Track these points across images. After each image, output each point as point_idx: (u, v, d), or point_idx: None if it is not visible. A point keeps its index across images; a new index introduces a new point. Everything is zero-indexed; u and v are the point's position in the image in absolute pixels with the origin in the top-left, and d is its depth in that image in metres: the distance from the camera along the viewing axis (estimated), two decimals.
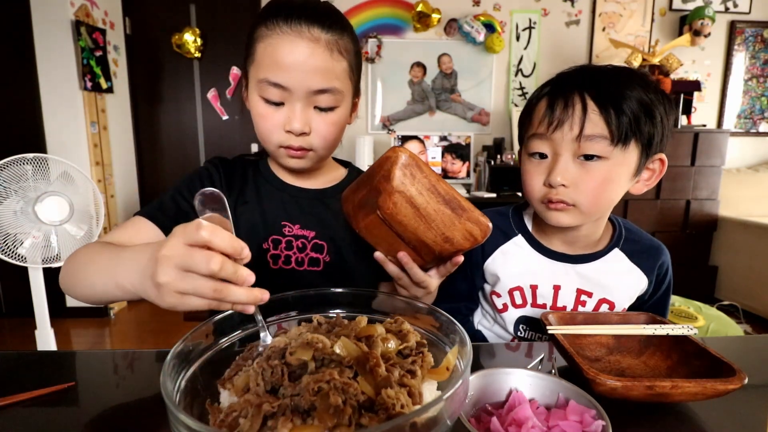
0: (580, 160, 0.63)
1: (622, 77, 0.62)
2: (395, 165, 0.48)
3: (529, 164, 0.68)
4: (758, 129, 3.10)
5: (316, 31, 0.59)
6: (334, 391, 0.32)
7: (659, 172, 0.68)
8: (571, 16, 2.96)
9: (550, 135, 0.63)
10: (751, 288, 2.54)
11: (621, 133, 0.60)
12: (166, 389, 0.32)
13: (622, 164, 0.63)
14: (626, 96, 0.60)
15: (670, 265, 0.77)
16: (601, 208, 0.67)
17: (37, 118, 2.43)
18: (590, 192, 0.63)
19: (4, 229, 1.60)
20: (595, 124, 0.60)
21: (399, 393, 0.33)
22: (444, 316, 0.44)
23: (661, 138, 0.64)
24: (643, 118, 0.60)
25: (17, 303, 2.58)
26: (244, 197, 0.73)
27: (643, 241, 0.76)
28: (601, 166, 0.62)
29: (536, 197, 0.68)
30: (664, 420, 0.46)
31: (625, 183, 0.65)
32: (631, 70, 0.65)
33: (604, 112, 0.60)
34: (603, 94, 0.60)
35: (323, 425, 0.30)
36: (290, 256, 0.71)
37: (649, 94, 0.61)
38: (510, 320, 0.77)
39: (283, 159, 0.68)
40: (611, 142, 0.60)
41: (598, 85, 0.61)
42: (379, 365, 0.35)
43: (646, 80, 0.63)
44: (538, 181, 0.67)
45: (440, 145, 2.85)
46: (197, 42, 2.82)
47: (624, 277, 0.73)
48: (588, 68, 0.65)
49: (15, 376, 0.53)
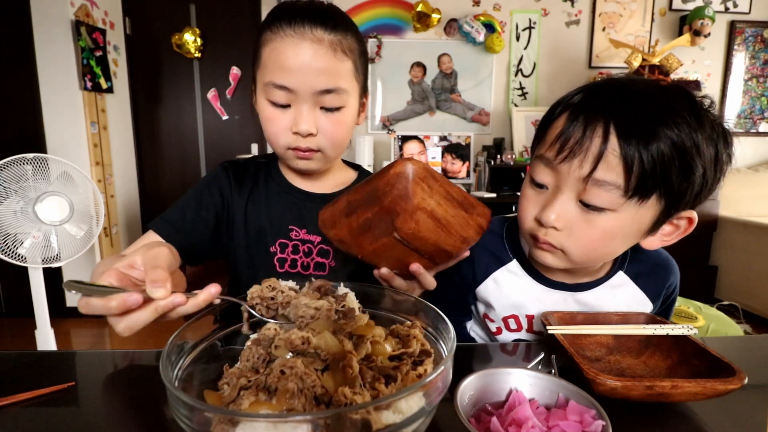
0: (582, 205, 0.53)
1: (662, 104, 0.49)
2: (411, 181, 0.44)
3: (527, 189, 0.60)
4: (758, 129, 3.10)
5: (319, 32, 0.60)
6: (292, 377, 0.34)
7: (684, 231, 0.56)
8: (571, 16, 2.96)
9: (557, 165, 0.53)
10: (751, 288, 2.54)
11: (640, 186, 0.48)
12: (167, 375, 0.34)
13: (633, 220, 0.52)
14: (660, 135, 0.47)
15: (678, 283, 0.70)
16: (596, 259, 0.59)
17: (37, 118, 2.43)
18: (584, 243, 0.54)
19: (4, 229, 1.60)
20: (611, 169, 0.49)
21: (359, 394, 0.33)
22: (432, 310, 0.45)
23: (698, 192, 0.51)
24: (676, 167, 0.48)
25: (17, 303, 2.58)
26: (254, 199, 0.74)
27: (651, 259, 0.68)
28: (606, 218, 0.52)
29: (525, 229, 0.61)
30: (664, 420, 0.46)
31: (632, 239, 0.55)
32: (682, 91, 0.51)
33: (625, 157, 0.48)
34: (631, 128, 0.48)
35: (280, 406, 0.33)
36: (296, 260, 0.72)
37: (695, 134, 0.47)
38: (504, 342, 0.73)
39: (292, 161, 0.68)
40: (625, 193, 0.49)
41: (629, 114, 0.49)
42: (350, 365, 0.35)
43: (697, 111, 0.49)
44: (531, 212, 0.58)
45: (440, 145, 2.85)
46: (197, 42, 2.82)
47: (626, 302, 0.67)
48: (623, 86, 0.51)
49: (15, 376, 0.53)
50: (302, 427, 0.27)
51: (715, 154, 0.50)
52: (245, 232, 0.72)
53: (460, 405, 0.39)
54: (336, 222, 0.53)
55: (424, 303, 0.47)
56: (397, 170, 0.45)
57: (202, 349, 0.43)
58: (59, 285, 0.60)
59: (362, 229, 0.50)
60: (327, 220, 0.55)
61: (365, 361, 0.38)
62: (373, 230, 0.49)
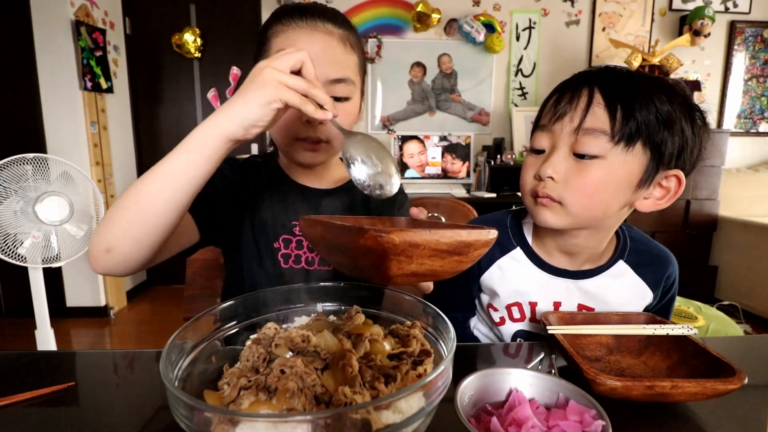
0: (576, 157, 0.59)
1: (642, 81, 0.58)
2: (388, 259, 0.38)
3: (528, 159, 0.66)
4: (758, 129, 3.10)
5: (329, 26, 0.64)
6: (292, 377, 0.34)
7: (674, 192, 0.60)
8: (571, 16, 2.96)
9: (551, 126, 0.61)
10: (751, 288, 2.55)
11: (625, 130, 0.55)
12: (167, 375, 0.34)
13: (622, 167, 0.57)
14: (639, 97, 0.55)
15: (677, 275, 0.72)
16: (592, 213, 0.61)
17: (37, 118, 2.43)
18: (580, 191, 0.59)
19: (4, 229, 1.60)
20: (597, 118, 0.56)
21: (359, 393, 0.33)
22: (431, 310, 0.45)
23: (679, 152, 0.57)
24: (656, 123, 0.55)
25: (17, 303, 2.58)
26: (255, 196, 0.74)
27: (650, 251, 0.71)
28: (597, 165, 0.57)
29: (526, 190, 0.65)
30: (664, 420, 0.46)
31: (624, 190, 0.59)
32: (661, 78, 0.59)
33: (609, 107, 0.56)
34: (614, 90, 0.56)
35: (280, 405, 0.33)
36: (300, 255, 0.72)
37: (671, 105, 0.56)
38: (507, 333, 0.75)
39: (298, 153, 0.68)
40: (611, 138, 0.56)
41: (612, 81, 0.58)
42: (350, 364, 0.35)
43: (674, 90, 0.57)
44: (530, 173, 0.64)
45: (440, 145, 2.85)
46: (197, 42, 2.82)
47: (628, 291, 0.69)
48: (609, 68, 0.61)
49: (15, 376, 0.53)
50: (302, 426, 0.27)
51: (691, 125, 0.57)
52: (251, 228, 0.73)
53: (460, 405, 0.39)
54: (315, 243, 0.50)
55: (425, 303, 0.47)
56: (369, 244, 0.38)
57: (202, 349, 0.42)
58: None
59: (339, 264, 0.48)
60: (307, 235, 0.51)
61: (364, 359, 0.38)
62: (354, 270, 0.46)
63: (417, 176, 2.86)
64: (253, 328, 0.47)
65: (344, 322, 0.44)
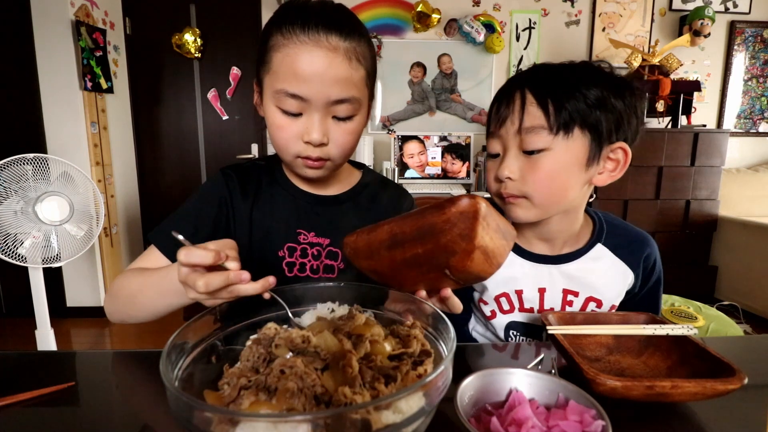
0: (526, 155, 0.63)
1: (566, 72, 0.63)
2: (477, 221, 0.42)
3: (488, 164, 0.71)
4: (758, 129, 3.10)
5: (334, 39, 0.58)
6: (292, 377, 0.34)
7: (623, 163, 0.65)
8: (571, 16, 2.96)
9: (498, 131, 0.66)
10: (751, 288, 2.54)
11: (560, 121, 0.60)
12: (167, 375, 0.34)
13: (568, 153, 0.62)
14: (566, 88, 0.60)
15: (658, 256, 0.75)
16: (556, 198, 0.65)
17: (37, 118, 2.43)
18: (537, 183, 0.63)
19: (4, 229, 1.60)
20: (533, 116, 0.61)
21: (359, 393, 0.33)
22: (432, 309, 0.45)
23: (616, 126, 0.62)
24: (586, 107, 0.60)
25: (17, 303, 2.58)
26: (259, 204, 0.73)
27: (627, 233, 0.74)
28: (546, 157, 0.62)
29: (492, 192, 0.70)
30: (664, 420, 0.46)
31: (577, 172, 0.63)
32: (587, 65, 0.64)
33: (541, 104, 0.61)
34: (541, 87, 0.62)
35: (280, 405, 0.33)
36: (305, 263, 0.71)
37: (597, 87, 0.60)
38: (500, 326, 0.76)
39: (300, 169, 0.67)
40: (551, 131, 0.61)
41: (537, 80, 0.63)
42: (350, 364, 0.35)
43: (602, 73, 0.62)
44: (492, 177, 0.69)
45: (440, 145, 2.85)
46: (197, 42, 2.82)
47: (609, 273, 0.72)
48: (536, 67, 0.66)
49: (15, 376, 0.53)
50: (302, 426, 0.27)
51: (623, 100, 0.61)
52: (250, 238, 0.71)
53: (460, 405, 0.39)
54: (374, 253, 0.50)
55: (425, 303, 0.47)
56: (461, 209, 0.42)
57: (202, 349, 0.43)
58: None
59: (407, 263, 0.48)
60: (361, 249, 0.51)
61: (364, 360, 0.38)
62: (421, 266, 0.47)
63: (417, 176, 2.86)
64: (253, 328, 0.47)
65: (344, 322, 0.44)
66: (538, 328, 0.74)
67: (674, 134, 2.61)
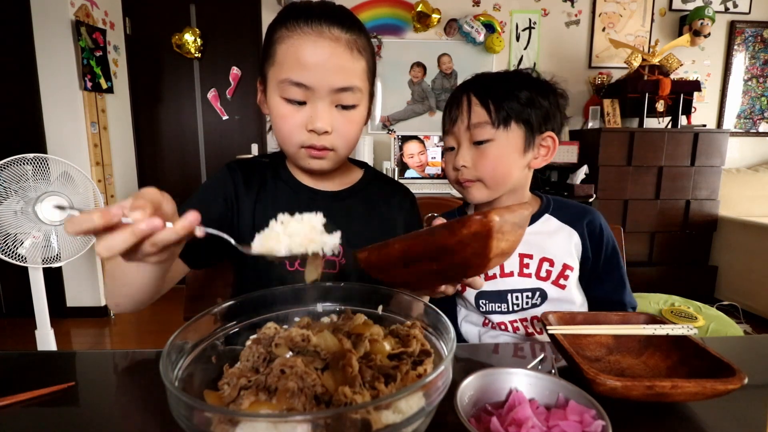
0: (475, 146, 0.76)
1: (502, 78, 0.77)
2: (491, 239, 0.42)
3: (445, 157, 0.83)
4: (758, 129, 3.10)
5: (336, 30, 0.61)
6: (293, 377, 0.34)
7: (553, 148, 0.79)
8: (571, 16, 2.96)
9: (452, 129, 0.78)
10: (751, 288, 2.54)
11: (500, 117, 0.73)
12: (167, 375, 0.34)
13: (508, 141, 0.75)
14: (503, 91, 0.74)
15: (603, 223, 0.83)
16: (503, 179, 0.77)
17: (37, 118, 2.43)
18: (486, 167, 0.75)
19: (4, 229, 1.60)
20: (478, 114, 0.74)
21: (359, 393, 0.33)
22: (431, 309, 0.45)
23: (545, 120, 0.76)
24: (519, 106, 0.73)
25: (17, 303, 2.58)
26: (262, 199, 0.73)
27: (571, 206, 0.85)
28: (491, 146, 0.75)
29: (451, 180, 0.82)
30: (664, 420, 0.46)
31: (517, 157, 0.76)
32: (519, 72, 0.78)
33: (484, 104, 0.74)
34: (483, 90, 0.75)
35: (280, 405, 0.33)
36: None
37: (527, 89, 0.74)
38: (470, 297, 0.83)
39: (304, 160, 0.68)
40: (493, 125, 0.73)
41: (482, 85, 0.76)
42: (350, 364, 0.35)
43: (531, 78, 0.77)
44: (450, 166, 0.80)
45: (440, 146, 2.85)
46: (197, 42, 2.82)
47: (556, 235, 0.82)
48: (479, 75, 0.79)
49: (15, 376, 0.53)
50: (302, 426, 0.27)
51: (548, 100, 0.75)
52: (253, 232, 0.72)
53: (460, 405, 0.39)
54: (389, 270, 0.52)
55: (425, 303, 0.47)
56: (473, 230, 0.42)
57: (202, 349, 0.42)
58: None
59: (424, 275, 0.49)
60: (375, 265, 0.52)
61: (364, 359, 0.38)
62: (437, 274, 0.48)
63: (417, 176, 2.87)
64: (253, 328, 0.47)
65: (344, 322, 0.44)
66: (503, 294, 0.81)
67: (674, 134, 2.61)
